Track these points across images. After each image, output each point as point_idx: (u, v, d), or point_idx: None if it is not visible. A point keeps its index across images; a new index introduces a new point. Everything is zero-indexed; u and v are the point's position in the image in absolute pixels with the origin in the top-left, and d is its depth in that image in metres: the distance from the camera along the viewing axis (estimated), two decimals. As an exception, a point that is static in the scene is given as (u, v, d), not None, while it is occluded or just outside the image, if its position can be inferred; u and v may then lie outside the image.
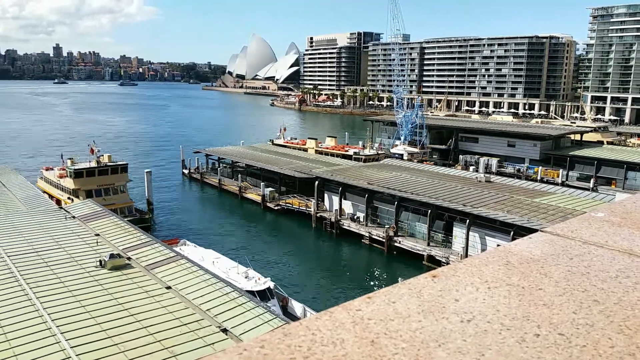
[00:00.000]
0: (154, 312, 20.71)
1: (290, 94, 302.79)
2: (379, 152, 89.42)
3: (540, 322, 1.73)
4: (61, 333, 18.44)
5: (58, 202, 53.74)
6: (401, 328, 1.63)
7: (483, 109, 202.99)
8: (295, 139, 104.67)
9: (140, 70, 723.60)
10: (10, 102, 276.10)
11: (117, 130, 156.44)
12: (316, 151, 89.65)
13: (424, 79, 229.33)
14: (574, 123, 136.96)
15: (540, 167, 77.76)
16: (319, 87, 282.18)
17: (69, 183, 57.25)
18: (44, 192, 58.93)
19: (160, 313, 20.63)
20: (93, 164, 57.92)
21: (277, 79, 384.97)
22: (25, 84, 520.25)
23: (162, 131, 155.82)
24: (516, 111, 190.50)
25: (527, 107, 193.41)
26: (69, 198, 56.07)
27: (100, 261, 25.84)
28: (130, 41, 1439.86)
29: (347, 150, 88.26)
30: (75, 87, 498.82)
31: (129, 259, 26.95)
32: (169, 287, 23.38)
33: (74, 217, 34.95)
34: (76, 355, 17.02)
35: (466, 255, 44.89)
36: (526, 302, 1.88)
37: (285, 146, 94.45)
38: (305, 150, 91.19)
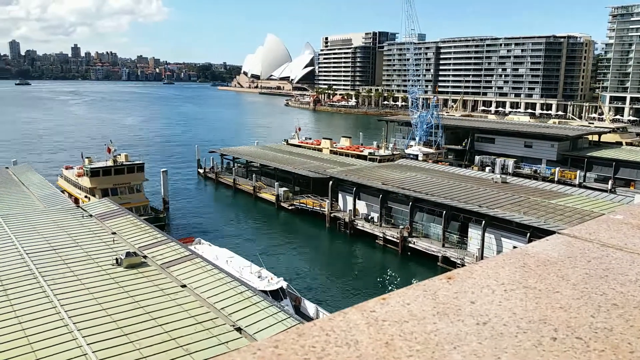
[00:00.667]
0: (169, 310, 20.87)
1: (305, 94, 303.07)
2: (394, 152, 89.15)
3: (558, 325, 1.71)
4: (78, 330, 18.68)
5: (76, 200, 54.47)
6: (416, 330, 1.62)
7: (499, 109, 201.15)
8: (310, 139, 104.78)
9: (157, 70, 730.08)
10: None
11: (136, 129, 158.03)
12: (331, 151, 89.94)
13: (440, 78, 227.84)
14: (592, 124, 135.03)
15: (557, 168, 76.82)
16: (334, 87, 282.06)
17: (85, 182, 57.99)
18: (64, 190, 59.84)
19: (176, 311, 20.78)
20: (110, 163, 58.61)
21: (292, 79, 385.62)
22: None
23: (178, 131, 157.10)
24: (533, 111, 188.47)
25: (544, 107, 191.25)
26: (85, 197, 56.80)
27: (116, 259, 26.11)
28: (147, 42, 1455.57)
29: (361, 151, 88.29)
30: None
31: (144, 257, 27.20)
32: (184, 286, 23.55)
33: (91, 215, 35.38)
34: (92, 352, 17.23)
35: (482, 257, 44.52)
36: (543, 305, 1.86)
37: (299, 146, 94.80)
38: (320, 150, 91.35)
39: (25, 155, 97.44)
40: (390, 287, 43.23)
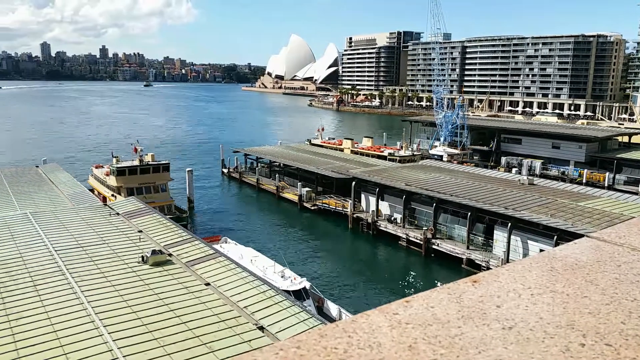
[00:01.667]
0: (193, 307, 21.11)
1: (329, 94, 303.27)
2: (415, 153, 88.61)
3: (586, 331, 1.67)
4: (104, 326, 19.04)
5: (104, 199, 55.54)
6: (440, 334, 1.60)
7: (527, 109, 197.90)
8: (333, 139, 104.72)
9: (183, 71, 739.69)
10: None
11: (162, 129, 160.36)
12: (352, 151, 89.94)
13: (466, 78, 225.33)
14: (622, 124, 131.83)
15: (585, 170, 75.22)
16: (357, 87, 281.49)
17: (112, 181, 59.08)
18: (94, 189, 61.11)
19: (199, 309, 21.01)
20: (136, 163, 59.62)
21: (316, 80, 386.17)
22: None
23: (202, 131, 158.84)
24: (561, 112, 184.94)
25: (572, 107, 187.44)
26: (112, 195, 57.86)
27: (142, 257, 26.52)
28: (174, 43, 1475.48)
29: (382, 151, 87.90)
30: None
31: (170, 255, 27.57)
32: (208, 284, 23.78)
33: (118, 213, 36.02)
34: (118, 348, 17.54)
35: (507, 260, 43.86)
36: (571, 310, 1.82)
37: (322, 146, 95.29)
38: (342, 150, 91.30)
39: (57, 154, 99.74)
40: (413, 290, 42.94)
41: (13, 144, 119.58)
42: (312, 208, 64.73)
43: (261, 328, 19.77)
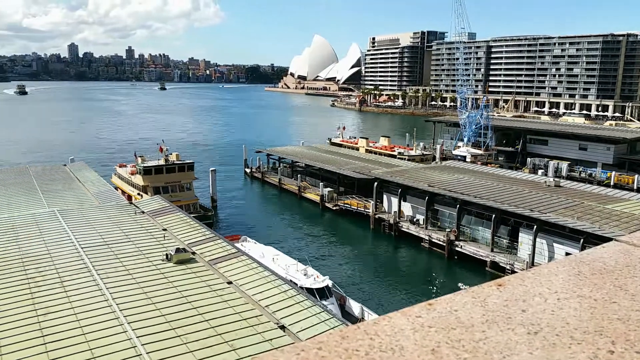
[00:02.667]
0: (216, 306, 21.30)
1: (351, 95, 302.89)
2: (424, 152, 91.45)
3: (615, 338, 1.63)
4: (128, 323, 19.35)
5: (129, 197, 56.50)
6: (464, 338, 1.57)
7: (553, 110, 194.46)
8: (355, 138, 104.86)
9: (207, 72, 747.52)
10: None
11: (185, 129, 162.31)
12: (367, 150, 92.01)
13: (491, 78, 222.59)
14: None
15: (613, 172, 73.54)
16: (380, 87, 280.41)
17: (138, 180, 60.05)
18: (117, 187, 62.17)
19: (222, 307, 21.18)
20: (162, 162, 60.50)
21: (338, 80, 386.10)
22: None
23: (226, 131, 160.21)
24: (588, 113, 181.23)
25: (600, 108, 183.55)
26: (138, 194, 58.79)
27: (166, 255, 26.87)
28: (198, 44, 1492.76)
29: (393, 150, 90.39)
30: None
31: (193, 253, 27.87)
32: (230, 282, 23.97)
33: (143, 212, 36.56)
34: (142, 344, 17.80)
35: (532, 263, 43.17)
36: (599, 315, 1.77)
37: (341, 145, 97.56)
38: (357, 149, 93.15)
39: (82, 152, 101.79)
40: (436, 292, 42.58)
41: (40, 143, 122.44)
42: (334, 208, 64.72)
43: (282, 327, 19.84)
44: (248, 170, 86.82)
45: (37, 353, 17.16)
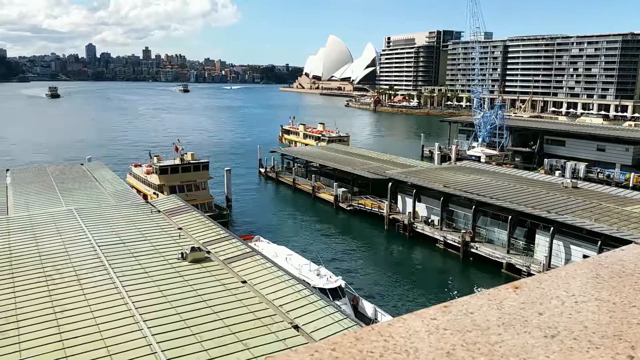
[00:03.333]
0: (230, 305, 21.40)
1: (366, 95, 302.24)
2: (341, 135, 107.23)
3: (635, 342, 1.60)
4: (144, 321, 19.53)
5: (145, 196, 57.05)
6: (479, 340, 1.56)
7: (571, 110, 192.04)
8: (304, 124, 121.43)
9: (223, 72, 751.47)
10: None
11: (200, 129, 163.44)
12: (304, 134, 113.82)
13: (507, 78, 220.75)
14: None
15: (632, 173, 72.41)
16: (395, 87, 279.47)
17: (154, 179, 60.58)
18: (132, 187, 62.79)
19: (236, 306, 21.28)
20: (177, 162, 60.98)
21: (353, 80, 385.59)
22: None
23: (240, 130, 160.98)
24: (607, 113, 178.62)
25: (619, 109, 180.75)
26: (154, 193, 59.33)
27: (181, 253, 27.07)
28: (215, 44, 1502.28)
29: (320, 133, 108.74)
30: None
31: (208, 252, 28.04)
32: (244, 282, 24.07)
33: (159, 211, 36.88)
34: (157, 342, 17.96)
35: (549, 265, 42.67)
36: (618, 319, 1.74)
37: (288, 131, 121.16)
38: (297, 134, 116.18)
39: (98, 151, 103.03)
40: (451, 293, 42.31)
41: (58, 143, 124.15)
42: (348, 208, 64.65)
43: (296, 327, 19.87)
44: (262, 170, 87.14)
45: (54, 349, 17.40)
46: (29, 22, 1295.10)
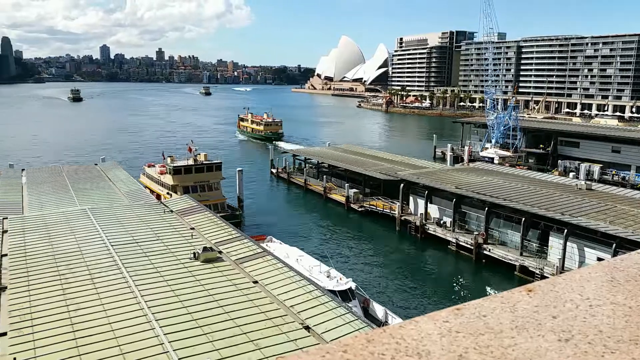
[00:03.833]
0: (241, 305, 21.47)
1: (378, 96, 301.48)
2: (275, 120, 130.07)
3: None
4: (156, 320, 19.66)
5: (158, 196, 57.42)
6: (492, 344, 1.54)
7: (585, 111, 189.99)
8: (257, 114, 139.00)
9: (235, 73, 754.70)
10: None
11: (214, 129, 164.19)
12: (251, 121, 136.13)
13: (521, 79, 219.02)
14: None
15: (649, 175, 71.43)
16: (407, 88, 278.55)
17: (168, 179, 60.99)
18: (146, 187, 63.26)
19: (247, 306, 21.34)
20: (191, 162, 61.34)
21: (365, 81, 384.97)
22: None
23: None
24: (622, 114, 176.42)
25: (634, 110, 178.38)
26: (168, 193, 59.71)
27: (194, 253, 27.21)
28: (228, 45, 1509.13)
29: (260, 119, 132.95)
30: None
31: (220, 252, 28.15)
32: (255, 282, 24.13)
33: (172, 211, 37.12)
34: (169, 342, 18.06)
35: (562, 268, 42.23)
36: (634, 324, 1.72)
37: (242, 119, 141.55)
38: (247, 121, 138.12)
39: (112, 152, 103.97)
40: (463, 296, 42.05)
41: (73, 143, 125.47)
42: (359, 209, 64.53)
43: (307, 328, 19.87)
44: (274, 171, 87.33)
45: (68, 347, 17.58)
46: (46, 23, 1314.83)
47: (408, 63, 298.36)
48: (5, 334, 18.74)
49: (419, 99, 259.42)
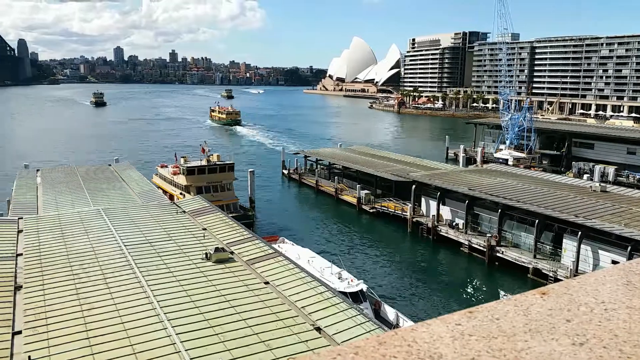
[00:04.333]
0: (253, 305, 21.52)
1: (390, 97, 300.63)
2: (235, 110, 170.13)
3: None
4: (168, 320, 19.77)
5: (171, 197, 57.81)
6: (505, 347, 1.53)
7: (600, 112, 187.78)
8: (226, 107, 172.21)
9: (247, 75, 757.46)
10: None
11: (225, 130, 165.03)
12: (218, 111, 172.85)
13: (535, 80, 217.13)
14: None
15: (666, 177, 70.41)
16: (420, 89, 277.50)
17: (181, 180, 61.38)
18: (159, 187, 63.73)
19: (258, 307, 21.38)
20: (204, 163, 61.70)
21: (377, 82, 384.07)
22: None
23: (265, 132, 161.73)
24: (638, 115, 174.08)
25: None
26: (181, 193, 60.09)
27: (206, 254, 27.34)
28: (240, 47, 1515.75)
29: (223, 109, 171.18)
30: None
31: (231, 253, 28.25)
32: (267, 283, 24.18)
33: (184, 211, 37.32)
34: (181, 341, 18.16)
35: (576, 270, 41.78)
36: None
37: (213, 110, 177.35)
38: (215, 112, 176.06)
39: (125, 152, 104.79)
40: (476, 298, 41.76)
41: (87, 144, 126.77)
42: (371, 211, 64.39)
43: (318, 329, 19.86)
44: (285, 172, 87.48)
45: (81, 347, 17.75)
46: (62, 25, 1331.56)
47: (420, 64, 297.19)
48: (20, 332, 18.98)
49: (432, 100, 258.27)
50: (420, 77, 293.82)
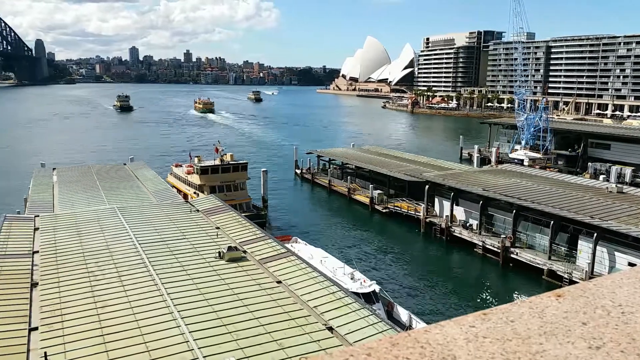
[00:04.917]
0: (265, 304, 21.58)
1: (403, 96, 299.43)
2: (211, 102, 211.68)
3: None
4: (182, 318, 19.91)
5: (185, 196, 58.21)
6: (520, 350, 1.51)
7: (617, 112, 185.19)
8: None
9: (261, 74, 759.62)
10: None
11: (239, 129, 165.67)
12: (203, 104, 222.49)
13: (550, 79, 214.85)
14: None
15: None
16: (434, 89, 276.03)
17: (195, 179, 61.81)
18: (173, 186, 64.22)
19: (271, 306, 21.44)
20: (217, 162, 62.06)
21: (390, 81, 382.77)
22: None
23: (277, 132, 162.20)
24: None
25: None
26: (195, 193, 60.49)
27: (219, 252, 27.49)
28: (254, 47, 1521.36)
29: (202, 102, 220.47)
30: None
31: (244, 252, 28.37)
32: (279, 282, 24.23)
33: (198, 210, 37.56)
34: (194, 339, 18.27)
35: (592, 272, 41.26)
36: None
37: (196, 102, 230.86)
38: (198, 103, 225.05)
39: (140, 151, 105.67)
40: (490, 300, 41.41)
41: (101, 143, 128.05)
42: (384, 211, 64.20)
43: (330, 329, 19.85)
44: (298, 172, 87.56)
45: (95, 344, 17.95)
46: (80, 26, 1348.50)
47: (434, 63, 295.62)
48: (36, 328, 19.24)
49: (446, 99, 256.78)
50: (434, 77, 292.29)
